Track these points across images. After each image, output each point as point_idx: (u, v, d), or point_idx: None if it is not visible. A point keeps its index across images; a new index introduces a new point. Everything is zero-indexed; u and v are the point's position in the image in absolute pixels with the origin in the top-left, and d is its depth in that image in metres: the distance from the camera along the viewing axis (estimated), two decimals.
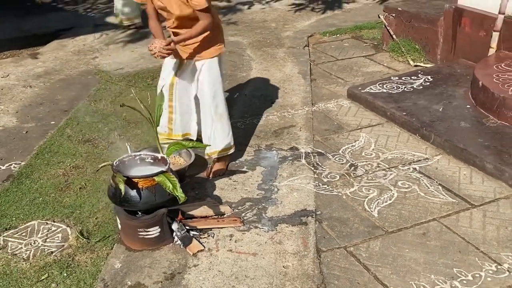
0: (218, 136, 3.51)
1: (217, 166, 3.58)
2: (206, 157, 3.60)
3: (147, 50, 3.23)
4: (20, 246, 2.92)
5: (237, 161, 3.74)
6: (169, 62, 3.47)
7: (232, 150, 3.61)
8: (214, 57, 3.40)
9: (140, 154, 2.94)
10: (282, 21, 7.10)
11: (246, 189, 3.40)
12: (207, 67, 3.40)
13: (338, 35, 6.51)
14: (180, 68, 3.43)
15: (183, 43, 3.31)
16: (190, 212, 3.07)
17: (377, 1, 7.98)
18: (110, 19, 7.35)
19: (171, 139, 3.57)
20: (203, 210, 3.12)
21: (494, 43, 4.71)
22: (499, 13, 4.64)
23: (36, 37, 6.64)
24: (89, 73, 5.44)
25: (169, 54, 3.23)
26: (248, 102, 4.67)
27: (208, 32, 3.29)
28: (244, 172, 3.60)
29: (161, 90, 3.18)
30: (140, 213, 2.86)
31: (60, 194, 3.40)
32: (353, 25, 6.79)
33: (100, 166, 2.90)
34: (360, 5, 7.86)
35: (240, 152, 3.83)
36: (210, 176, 3.54)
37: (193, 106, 3.57)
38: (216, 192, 3.38)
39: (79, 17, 7.15)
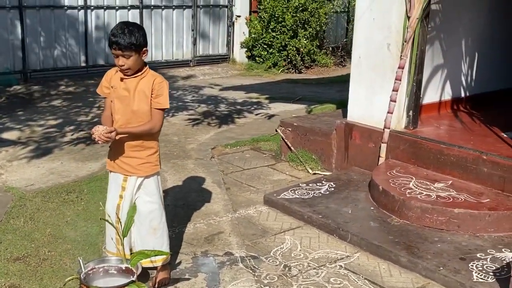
0: (150, 248, 3.62)
1: (161, 276, 3.69)
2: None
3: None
4: None
5: (177, 269, 3.88)
6: (113, 184, 3.62)
7: (160, 263, 3.66)
8: (150, 174, 3.62)
9: (104, 266, 3.01)
10: (183, 135, 7.50)
11: None
12: (144, 184, 3.61)
13: (238, 147, 7.02)
14: (122, 189, 3.58)
15: (121, 157, 3.52)
16: None
17: (265, 117, 8.75)
18: (6, 135, 7.23)
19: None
20: None
21: (383, 153, 5.48)
22: (385, 127, 5.47)
23: None
24: None
25: (106, 142, 3.36)
26: (173, 212, 4.87)
27: (149, 149, 3.55)
28: (188, 279, 3.76)
29: (134, 203, 3.32)
30: None
31: None
32: (250, 137, 7.37)
33: (66, 280, 2.92)
34: (250, 120, 8.56)
35: (179, 260, 3.99)
36: (156, 286, 3.64)
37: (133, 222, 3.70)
38: None
39: None
